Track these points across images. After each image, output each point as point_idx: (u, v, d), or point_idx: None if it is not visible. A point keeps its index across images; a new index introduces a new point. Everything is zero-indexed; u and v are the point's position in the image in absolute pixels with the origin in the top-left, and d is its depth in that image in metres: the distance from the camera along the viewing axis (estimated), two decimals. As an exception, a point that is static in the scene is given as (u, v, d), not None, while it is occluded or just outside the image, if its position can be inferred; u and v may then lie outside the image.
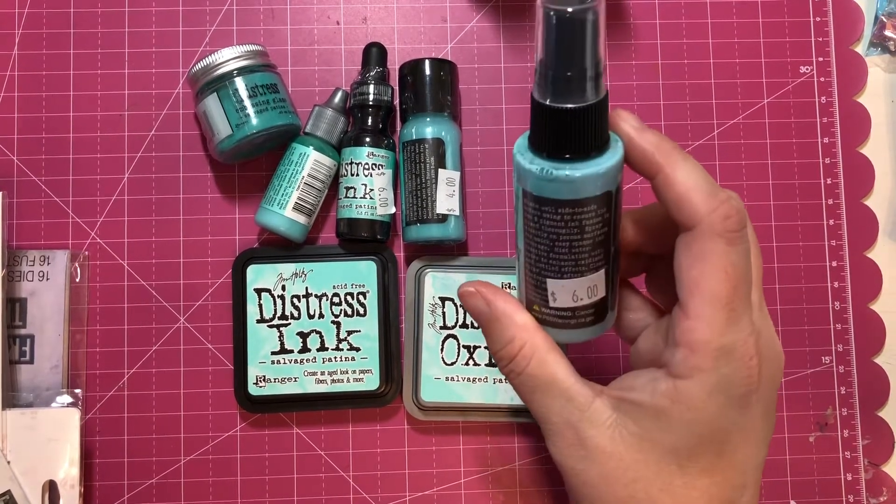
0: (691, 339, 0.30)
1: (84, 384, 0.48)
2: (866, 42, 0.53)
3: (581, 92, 0.29)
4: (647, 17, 0.52)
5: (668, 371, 0.31)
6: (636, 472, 0.31)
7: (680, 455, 0.31)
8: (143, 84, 0.50)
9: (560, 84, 0.29)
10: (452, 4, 0.52)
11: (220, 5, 0.51)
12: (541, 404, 0.33)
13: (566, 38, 0.29)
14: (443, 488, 0.49)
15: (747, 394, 0.31)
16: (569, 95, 0.29)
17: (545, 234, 0.32)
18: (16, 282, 0.48)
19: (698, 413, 0.30)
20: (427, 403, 0.47)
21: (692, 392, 0.30)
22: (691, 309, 0.30)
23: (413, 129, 0.47)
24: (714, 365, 0.30)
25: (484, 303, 0.34)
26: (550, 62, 0.29)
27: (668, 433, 0.31)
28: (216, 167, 0.50)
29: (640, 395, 0.32)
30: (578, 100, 0.29)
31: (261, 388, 0.47)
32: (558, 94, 0.29)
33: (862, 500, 0.50)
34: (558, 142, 0.30)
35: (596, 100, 0.29)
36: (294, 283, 0.48)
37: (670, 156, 0.31)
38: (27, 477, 0.45)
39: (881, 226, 0.52)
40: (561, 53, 0.29)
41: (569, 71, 0.29)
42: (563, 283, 0.33)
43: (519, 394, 0.34)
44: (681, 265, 0.31)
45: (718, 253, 0.30)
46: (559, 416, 0.32)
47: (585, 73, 0.29)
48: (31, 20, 0.50)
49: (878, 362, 0.51)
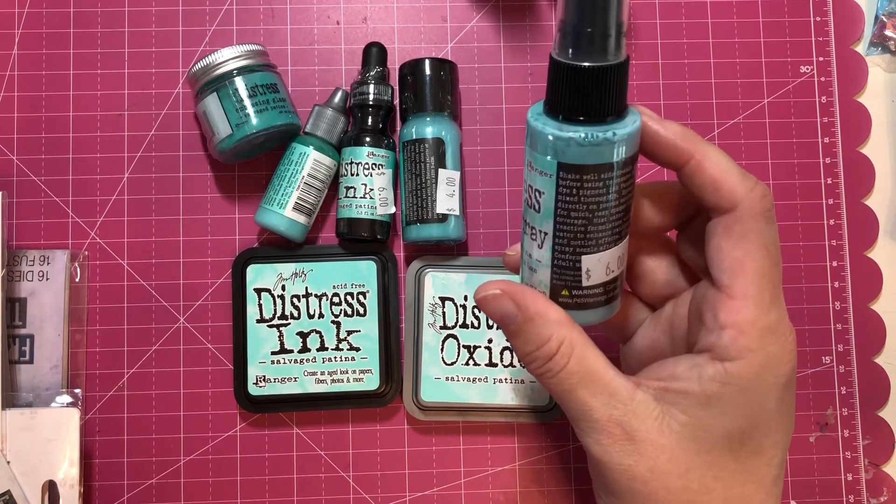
0: (738, 319, 0.30)
1: (84, 384, 0.48)
2: (867, 42, 0.53)
3: (616, 49, 0.30)
4: (647, 17, 0.52)
5: (713, 355, 0.31)
6: (689, 463, 0.31)
7: (732, 439, 0.31)
8: (143, 84, 0.50)
9: (584, 42, 0.29)
10: (452, 4, 0.52)
11: (220, 5, 0.51)
12: (582, 402, 0.32)
13: None
14: (443, 488, 0.49)
15: (791, 371, 0.31)
16: (601, 54, 0.29)
17: (584, 206, 0.31)
18: (16, 282, 0.48)
19: (750, 395, 0.30)
20: (427, 403, 0.47)
21: (743, 373, 0.30)
22: (737, 289, 0.30)
23: (413, 128, 0.47)
24: (761, 344, 0.30)
25: (512, 304, 0.32)
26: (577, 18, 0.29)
27: (721, 418, 0.31)
28: (216, 167, 0.50)
29: (686, 384, 0.31)
30: (613, 57, 0.30)
31: (261, 388, 0.47)
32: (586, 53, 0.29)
33: (862, 501, 0.50)
34: (600, 103, 0.30)
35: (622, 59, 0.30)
36: (294, 282, 0.48)
37: (698, 143, 0.31)
38: (27, 477, 0.45)
39: (881, 226, 0.52)
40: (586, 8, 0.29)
41: (596, 27, 0.29)
42: (600, 257, 0.32)
43: (556, 393, 0.32)
44: (721, 247, 0.31)
45: (759, 232, 0.31)
46: (602, 413, 0.31)
47: (619, 30, 0.29)
48: (31, 20, 0.50)
49: (879, 362, 0.51)
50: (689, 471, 0.31)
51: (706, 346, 0.31)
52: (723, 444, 0.31)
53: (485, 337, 0.48)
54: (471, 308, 0.48)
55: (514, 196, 0.51)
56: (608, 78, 0.29)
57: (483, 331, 0.48)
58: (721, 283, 0.31)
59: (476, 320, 0.48)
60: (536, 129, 0.31)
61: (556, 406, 0.48)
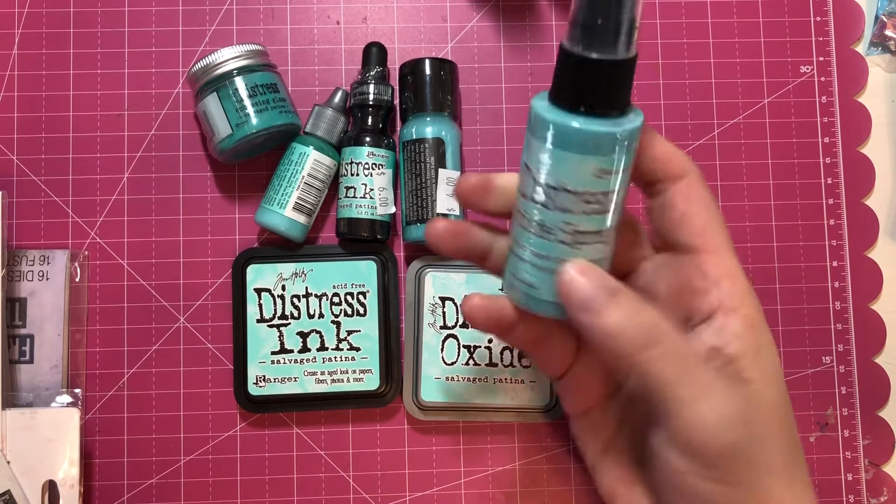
0: (726, 269, 0.33)
1: (84, 384, 0.48)
2: (867, 42, 0.53)
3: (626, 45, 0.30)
4: (647, 16, 0.52)
5: (724, 310, 0.32)
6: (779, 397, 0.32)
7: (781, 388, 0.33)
8: (143, 84, 0.50)
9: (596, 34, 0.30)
10: (452, 4, 0.52)
11: (220, 5, 0.51)
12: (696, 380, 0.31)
13: None
14: (443, 488, 0.49)
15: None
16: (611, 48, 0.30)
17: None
18: (16, 281, 0.48)
19: (766, 332, 0.33)
20: (427, 403, 0.47)
21: (753, 316, 0.32)
22: (713, 244, 0.33)
23: (413, 128, 0.47)
24: (749, 288, 0.33)
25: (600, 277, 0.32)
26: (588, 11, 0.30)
27: (767, 360, 0.32)
28: (216, 167, 0.50)
29: (733, 346, 0.32)
30: (623, 53, 0.30)
31: (261, 387, 0.47)
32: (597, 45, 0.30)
33: (862, 501, 0.50)
34: (606, 95, 0.30)
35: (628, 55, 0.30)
36: (294, 282, 0.48)
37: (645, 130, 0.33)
38: (27, 477, 0.45)
39: (881, 225, 0.52)
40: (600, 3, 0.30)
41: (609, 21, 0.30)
42: None
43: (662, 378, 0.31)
44: (686, 212, 0.33)
45: (709, 195, 0.34)
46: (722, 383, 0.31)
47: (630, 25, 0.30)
48: (31, 20, 0.50)
49: (879, 362, 0.51)
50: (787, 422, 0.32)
51: (711, 307, 0.32)
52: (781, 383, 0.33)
53: (485, 337, 0.48)
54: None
55: (514, 196, 0.51)
56: (616, 72, 0.30)
57: (483, 331, 0.48)
58: (696, 244, 0.33)
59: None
60: (539, 116, 0.31)
61: (557, 406, 0.48)
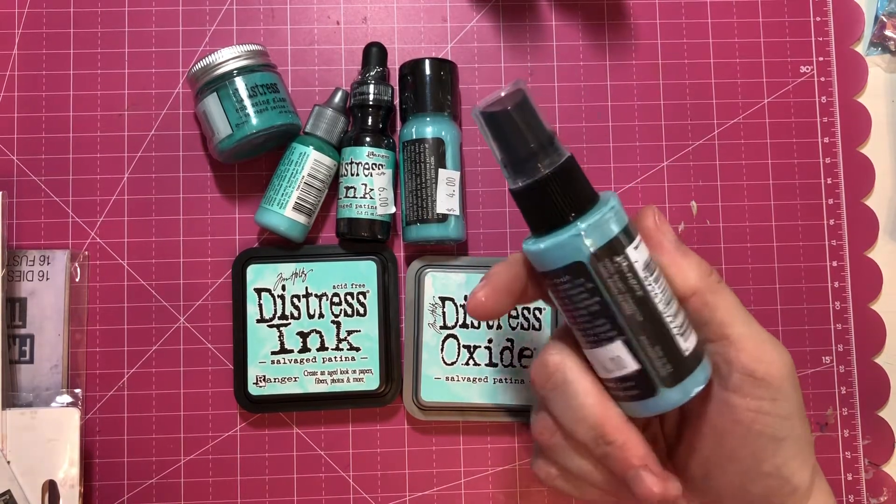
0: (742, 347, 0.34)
1: (84, 384, 0.48)
2: (866, 42, 0.53)
3: (533, 170, 0.32)
4: (647, 17, 0.52)
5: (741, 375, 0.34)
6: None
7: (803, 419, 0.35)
8: (143, 84, 0.50)
9: (513, 168, 0.32)
10: (452, 4, 0.52)
11: (220, 5, 0.51)
12: None
13: (498, 130, 0.32)
14: (443, 488, 0.49)
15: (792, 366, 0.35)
16: (525, 174, 0.32)
17: (560, 305, 0.33)
18: (16, 282, 0.48)
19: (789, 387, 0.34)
20: (427, 403, 0.47)
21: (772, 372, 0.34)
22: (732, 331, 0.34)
23: (413, 128, 0.47)
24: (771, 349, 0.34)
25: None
26: (500, 153, 0.32)
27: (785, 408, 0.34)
28: (216, 167, 0.50)
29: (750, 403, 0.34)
30: (546, 168, 0.32)
31: (261, 387, 0.47)
32: (518, 174, 0.32)
33: (862, 500, 0.50)
34: (527, 218, 0.33)
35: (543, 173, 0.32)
36: (294, 282, 0.48)
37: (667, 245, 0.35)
38: (27, 477, 0.45)
39: (881, 225, 0.52)
40: (502, 144, 0.32)
41: (512, 154, 0.32)
42: (590, 353, 0.34)
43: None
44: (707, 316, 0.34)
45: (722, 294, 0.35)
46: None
47: (540, 146, 0.32)
48: (31, 20, 0.50)
49: (879, 362, 0.51)
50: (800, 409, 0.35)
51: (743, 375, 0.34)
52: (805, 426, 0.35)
53: (485, 337, 0.48)
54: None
55: (514, 196, 0.51)
56: (545, 188, 0.32)
57: (483, 331, 0.48)
58: (720, 335, 0.34)
59: (476, 320, 0.48)
60: (528, 252, 0.33)
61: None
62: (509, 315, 0.48)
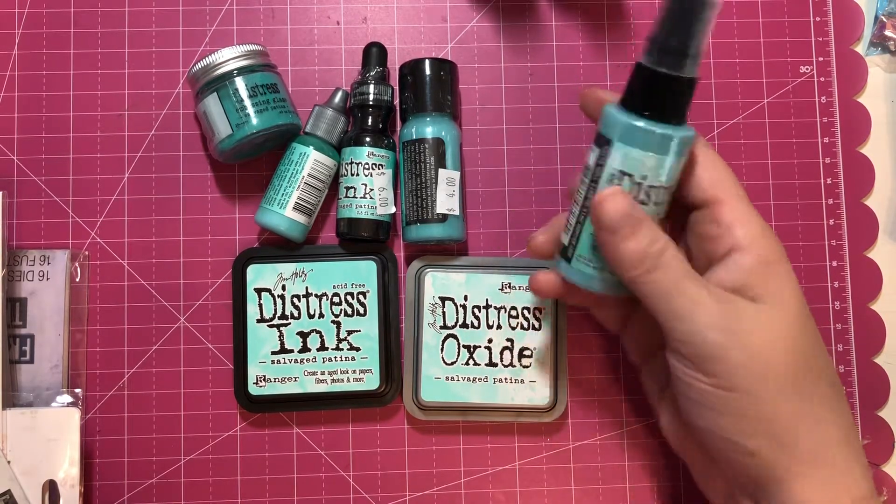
0: (738, 214, 0.37)
1: (84, 384, 0.48)
2: (866, 42, 0.53)
3: (691, 67, 0.36)
4: (647, 17, 0.52)
5: (737, 252, 0.37)
6: (787, 329, 0.36)
7: (802, 303, 0.37)
8: (143, 84, 0.50)
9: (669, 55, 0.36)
10: (452, 4, 0.52)
11: (220, 5, 0.51)
12: (695, 291, 0.35)
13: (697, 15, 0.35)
14: (443, 488, 0.49)
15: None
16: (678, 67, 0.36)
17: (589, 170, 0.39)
18: (16, 281, 0.48)
19: (781, 265, 0.37)
20: (427, 403, 0.47)
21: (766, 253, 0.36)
22: (722, 196, 0.37)
23: (413, 128, 0.47)
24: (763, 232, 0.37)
25: (631, 204, 0.36)
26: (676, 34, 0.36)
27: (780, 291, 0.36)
28: (216, 167, 0.50)
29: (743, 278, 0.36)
30: (688, 72, 0.36)
31: (261, 387, 0.47)
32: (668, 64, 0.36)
33: (862, 500, 0.50)
34: (642, 96, 0.37)
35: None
36: (294, 282, 0.48)
37: None
38: (27, 477, 0.45)
39: (881, 225, 0.52)
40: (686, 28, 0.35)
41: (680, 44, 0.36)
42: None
43: (665, 285, 0.36)
44: (696, 171, 0.38)
45: (713, 155, 0.39)
46: (713, 298, 0.35)
47: (697, 51, 0.36)
48: (31, 20, 0.50)
49: (878, 362, 0.51)
50: (791, 338, 0.36)
51: (725, 250, 0.37)
52: (802, 310, 0.36)
53: (485, 337, 0.48)
54: (471, 308, 0.48)
55: (514, 196, 0.51)
56: (680, 86, 0.36)
57: (483, 331, 0.48)
58: (708, 197, 0.37)
59: (476, 320, 0.48)
60: (614, 114, 0.37)
61: (557, 405, 0.48)
62: (509, 315, 0.48)
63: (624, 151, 0.36)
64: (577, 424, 0.50)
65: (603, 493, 0.49)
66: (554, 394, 0.48)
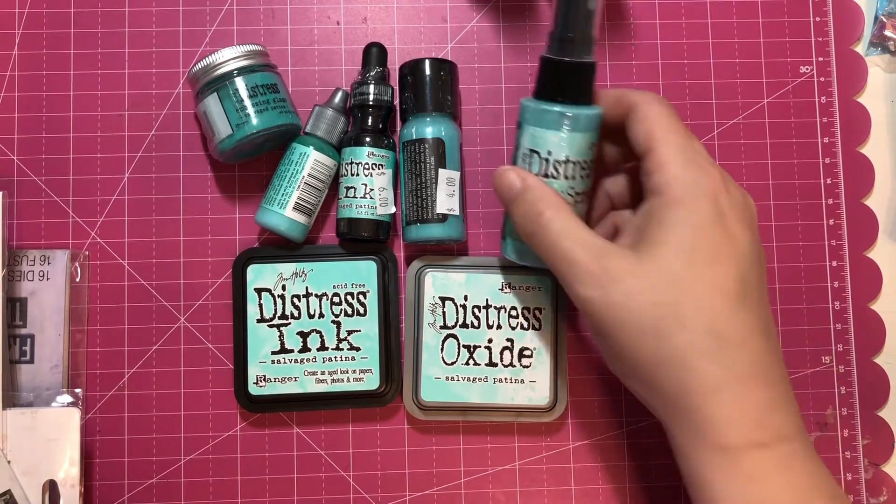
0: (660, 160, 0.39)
1: (84, 384, 0.48)
2: (866, 42, 0.53)
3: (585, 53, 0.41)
4: (647, 17, 0.52)
5: (651, 195, 0.39)
6: (653, 280, 0.36)
7: (683, 250, 0.37)
8: (144, 84, 0.50)
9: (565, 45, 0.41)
10: (452, 4, 0.52)
11: (221, 5, 0.51)
12: (566, 250, 0.38)
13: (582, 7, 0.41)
14: (443, 488, 0.49)
15: (715, 194, 0.37)
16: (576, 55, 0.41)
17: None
18: (16, 281, 0.48)
19: (687, 210, 0.37)
20: (427, 403, 0.47)
21: (675, 193, 0.38)
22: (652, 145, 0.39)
23: (413, 128, 0.47)
24: (684, 170, 0.38)
25: (517, 177, 0.41)
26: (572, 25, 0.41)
27: (670, 234, 0.37)
28: (216, 167, 0.50)
29: (639, 220, 0.40)
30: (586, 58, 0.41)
31: (261, 387, 0.47)
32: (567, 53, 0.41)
33: (862, 500, 0.50)
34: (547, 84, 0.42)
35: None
36: (294, 282, 0.48)
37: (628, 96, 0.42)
38: (27, 477, 0.45)
39: (881, 225, 0.52)
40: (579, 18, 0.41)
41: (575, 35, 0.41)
42: None
43: (545, 248, 0.39)
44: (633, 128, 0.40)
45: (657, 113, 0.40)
46: (584, 256, 0.38)
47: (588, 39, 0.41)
48: (31, 20, 0.50)
49: (878, 362, 0.51)
50: (655, 287, 0.36)
51: (647, 195, 0.39)
52: (678, 258, 0.36)
53: (485, 337, 0.48)
54: (471, 308, 0.48)
55: (514, 196, 0.51)
56: (569, 68, 0.41)
57: (483, 330, 0.48)
58: (643, 149, 0.39)
59: (476, 320, 0.48)
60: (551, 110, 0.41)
61: (557, 405, 0.48)
62: (509, 315, 0.48)
63: (530, 132, 0.42)
64: (577, 424, 0.50)
65: (603, 493, 0.49)
66: (554, 394, 0.48)
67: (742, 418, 0.36)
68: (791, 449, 0.36)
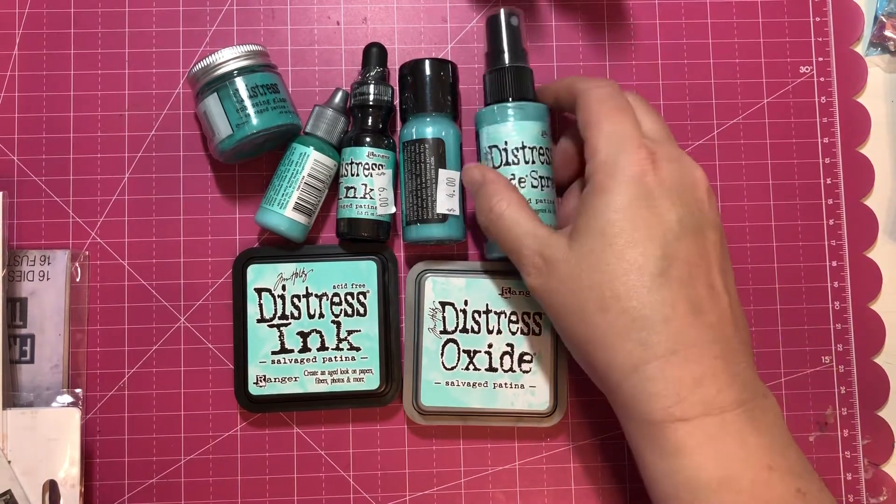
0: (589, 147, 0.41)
1: (84, 384, 0.49)
2: (866, 42, 0.53)
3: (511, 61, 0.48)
4: (647, 17, 0.52)
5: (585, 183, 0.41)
6: (580, 266, 0.39)
7: (606, 234, 0.38)
8: (144, 84, 0.50)
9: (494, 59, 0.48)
10: (452, 4, 0.52)
11: (221, 5, 0.51)
12: (516, 240, 0.41)
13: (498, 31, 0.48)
14: (443, 488, 0.49)
15: (640, 174, 0.39)
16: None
17: None
18: (16, 282, 0.48)
19: (607, 194, 0.39)
20: (427, 408, 0.47)
21: (598, 178, 0.39)
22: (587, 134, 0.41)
23: (413, 129, 0.47)
24: (606, 154, 0.40)
25: (479, 173, 0.44)
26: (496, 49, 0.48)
27: (592, 219, 0.39)
28: (216, 167, 0.50)
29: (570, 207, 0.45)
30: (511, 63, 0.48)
31: (261, 387, 0.47)
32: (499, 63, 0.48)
33: (862, 500, 0.50)
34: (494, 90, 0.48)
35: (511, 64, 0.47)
36: (294, 282, 0.48)
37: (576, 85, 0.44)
38: (27, 477, 0.45)
39: (881, 226, 0.52)
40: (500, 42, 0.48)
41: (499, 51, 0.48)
42: None
43: (500, 238, 0.42)
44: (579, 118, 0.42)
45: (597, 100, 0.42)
46: (532, 246, 0.41)
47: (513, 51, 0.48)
48: (31, 20, 0.50)
49: (878, 362, 0.51)
50: (581, 272, 0.39)
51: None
52: (599, 242, 0.38)
53: (485, 342, 0.48)
54: (471, 313, 0.48)
55: (514, 196, 0.51)
56: (503, 74, 0.47)
57: (483, 335, 0.48)
58: (583, 137, 0.41)
59: (476, 325, 0.48)
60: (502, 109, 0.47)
61: (557, 410, 0.48)
62: (509, 320, 0.48)
63: (487, 131, 0.46)
64: (577, 424, 0.50)
65: (603, 493, 0.49)
66: (554, 399, 0.48)
67: (662, 394, 0.37)
68: (720, 420, 0.36)
